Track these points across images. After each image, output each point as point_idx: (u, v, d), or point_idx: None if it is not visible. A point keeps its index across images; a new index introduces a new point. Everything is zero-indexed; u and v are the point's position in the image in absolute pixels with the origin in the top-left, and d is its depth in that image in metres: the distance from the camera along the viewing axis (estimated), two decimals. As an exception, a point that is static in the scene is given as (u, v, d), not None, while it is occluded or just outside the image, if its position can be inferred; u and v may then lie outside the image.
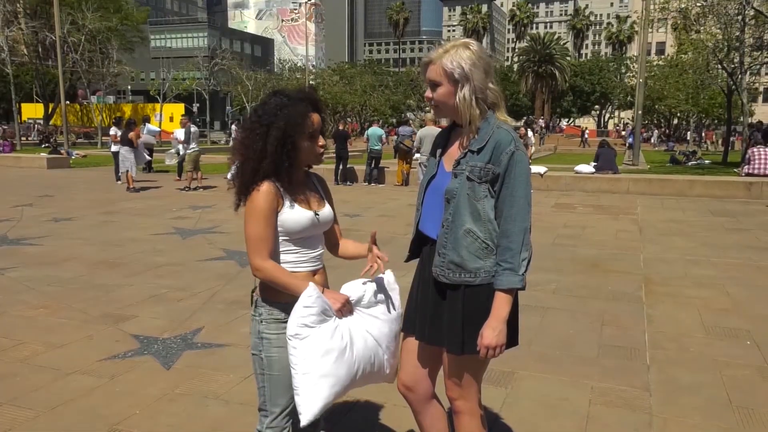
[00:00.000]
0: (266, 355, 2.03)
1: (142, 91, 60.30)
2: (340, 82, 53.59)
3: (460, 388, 2.11)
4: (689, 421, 3.08)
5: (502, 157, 1.94)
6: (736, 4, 18.85)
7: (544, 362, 3.80)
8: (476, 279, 1.98)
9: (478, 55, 1.96)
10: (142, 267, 6.32)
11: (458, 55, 1.95)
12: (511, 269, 1.94)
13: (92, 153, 24.90)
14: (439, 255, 2.02)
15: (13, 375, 3.61)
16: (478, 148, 1.97)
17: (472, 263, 1.97)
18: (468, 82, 1.95)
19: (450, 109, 2.02)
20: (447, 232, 2.00)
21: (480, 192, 1.96)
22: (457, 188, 1.98)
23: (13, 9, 33.91)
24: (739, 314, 4.83)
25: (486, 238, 1.97)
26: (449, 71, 1.95)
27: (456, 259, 1.99)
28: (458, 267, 1.99)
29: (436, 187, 2.08)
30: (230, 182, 2.12)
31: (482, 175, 1.95)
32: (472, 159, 1.97)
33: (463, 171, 1.98)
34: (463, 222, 1.97)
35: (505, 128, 1.99)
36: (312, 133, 2.00)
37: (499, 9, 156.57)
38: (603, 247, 7.46)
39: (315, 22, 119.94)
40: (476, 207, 1.97)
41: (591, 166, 15.23)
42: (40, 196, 12.05)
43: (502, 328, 1.95)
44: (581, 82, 63.43)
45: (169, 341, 4.19)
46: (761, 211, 10.63)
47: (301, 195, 2.06)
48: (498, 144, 1.95)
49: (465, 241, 1.97)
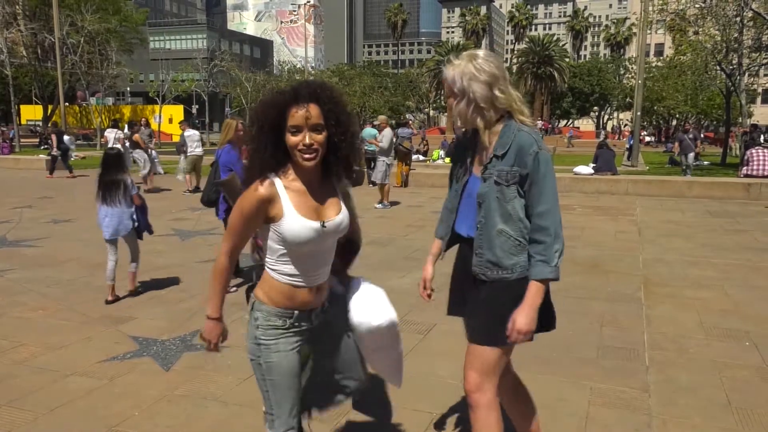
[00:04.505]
0: (265, 361, 1.97)
1: (141, 93, 60.37)
2: (339, 83, 53.62)
3: (480, 380, 2.17)
4: (688, 422, 3.09)
5: (526, 159, 2.06)
6: (735, 6, 18.88)
7: (544, 363, 3.80)
8: (513, 274, 2.12)
9: (480, 68, 2.07)
10: (142, 268, 6.31)
11: (459, 70, 2.09)
12: (544, 261, 2.06)
13: (91, 154, 24.88)
14: (477, 255, 2.17)
15: (12, 376, 3.61)
16: (502, 153, 2.09)
17: (507, 260, 2.11)
18: (464, 96, 2.09)
19: (469, 118, 2.16)
20: (481, 234, 2.14)
21: (509, 194, 2.09)
22: (486, 192, 2.12)
23: (12, 10, 33.92)
24: (738, 315, 4.83)
25: (518, 236, 2.11)
26: (450, 86, 2.12)
27: (492, 258, 2.12)
28: (495, 265, 2.13)
29: (469, 192, 2.21)
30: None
31: (509, 178, 2.08)
32: (498, 164, 2.10)
33: (491, 175, 2.11)
34: (495, 223, 2.11)
35: (526, 130, 2.10)
36: (293, 127, 1.84)
37: (498, 11, 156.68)
38: (602, 248, 7.47)
39: (314, 24, 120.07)
40: (506, 208, 2.10)
41: (590, 167, 15.25)
42: (40, 197, 12.05)
43: (534, 316, 2.09)
44: (580, 83, 63.46)
45: (168, 343, 4.18)
46: (760, 212, 10.64)
47: (308, 201, 1.91)
48: (521, 147, 2.06)
49: (498, 240, 2.11)
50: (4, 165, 20.02)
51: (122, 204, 5.02)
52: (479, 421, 2.18)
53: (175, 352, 4.00)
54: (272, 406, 2.02)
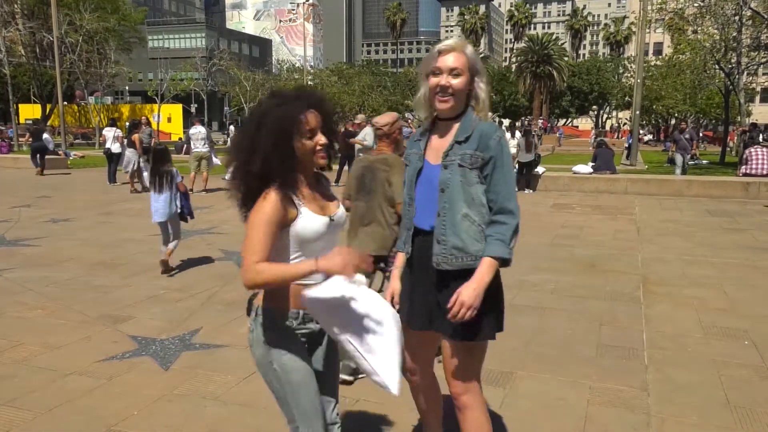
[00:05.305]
0: (279, 363, 1.91)
1: (139, 92, 60.26)
2: (338, 82, 53.57)
3: (464, 381, 2.15)
4: (687, 421, 3.09)
5: (490, 142, 2.08)
6: (734, 5, 18.89)
7: (543, 362, 3.81)
8: (477, 261, 2.07)
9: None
10: (141, 268, 6.32)
11: (473, 51, 2.12)
12: (501, 240, 2.04)
13: (90, 154, 24.85)
14: (439, 243, 2.11)
15: (11, 376, 3.61)
16: (465, 137, 2.10)
17: (473, 246, 2.08)
18: (483, 75, 2.13)
19: (460, 100, 2.13)
20: (445, 220, 2.10)
21: (472, 178, 2.09)
22: (449, 178, 2.10)
23: (11, 9, 33.87)
24: (736, 314, 4.84)
25: (481, 221, 2.09)
26: (472, 62, 2.10)
27: (458, 243, 2.08)
28: (460, 251, 2.08)
29: (427, 180, 2.17)
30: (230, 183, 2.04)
31: (472, 161, 2.08)
32: (460, 148, 2.10)
33: (453, 161, 2.10)
34: (460, 208, 2.08)
35: (485, 120, 2.15)
36: (309, 132, 1.90)
37: (497, 10, 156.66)
38: (601, 247, 7.47)
39: (313, 23, 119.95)
40: (470, 192, 2.09)
41: (589, 166, 15.26)
42: (38, 197, 12.03)
43: (480, 292, 2.02)
44: (579, 82, 63.47)
45: (167, 342, 4.18)
46: (759, 211, 10.65)
47: (313, 200, 1.96)
48: (484, 132, 2.09)
49: (463, 225, 2.08)
50: (2, 164, 19.99)
51: (169, 191, 5.92)
52: (469, 421, 2.16)
53: (174, 352, 4.00)
54: (296, 415, 1.93)
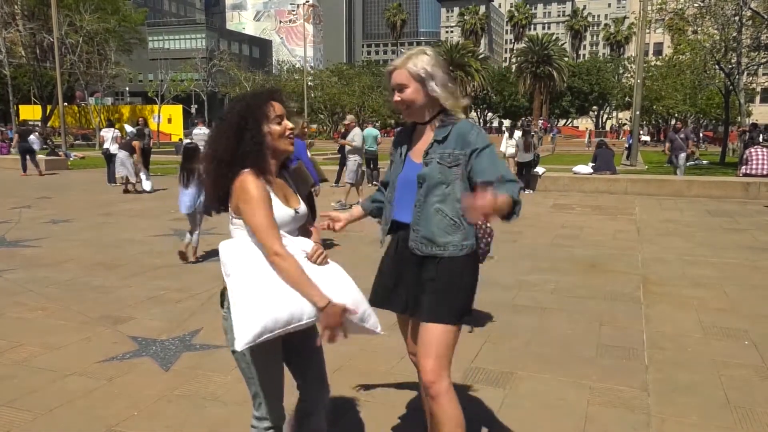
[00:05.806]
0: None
1: (140, 93, 60.33)
2: (338, 83, 53.61)
3: (438, 368, 2.18)
4: (687, 421, 3.09)
5: (469, 138, 2.17)
6: (733, 5, 18.89)
7: (543, 362, 3.80)
8: (445, 252, 2.20)
9: (436, 59, 2.23)
10: (141, 268, 6.32)
11: (419, 60, 2.20)
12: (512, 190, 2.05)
13: (90, 154, 24.86)
14: (413, 231, 2.24)
15: (11, 377, 3.60)
16: (443, 137, 2.21)
17: (442, 238, 2.20)
18: (433, 78, 2.19)
19: (418, 107, 2.23)
20: (419, 211, 2.22)
21: (450, 175, 2.18)
22: (427, 173, 2.20)
23: (11, 11, 33.93)
24: (736, 314, 4.84)
25: (454, 216, 2.19)
26: (415, 72, 2.19)
27: (427, 234, 2.21)
28: (429, 241, 2.21)
29: (407, 179, 2.28)
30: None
31: (451, 160, 2.18)
32: (439, 148, 2.21)
33: (432, 159, 2.21)
34: (433, 202, 2.19)
35: (462, 119, 2.24)
36: (277, 117, 2.01)
37: (497, 10, 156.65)
38: (601, 247, 7.48)
39: (313, 24, 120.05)
40: (445, 190, 2.19)
41: (589, 166, 15.27)
42: (38, 197, 12.04)
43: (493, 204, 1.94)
44: (579, 82, 63.56)
45: (167, 343, 4.18)
46: (759, 211, 10.65)
47: (280, 191, 2.05)
48: (461, 131, 2.19)
49: (435, 218, 2.19)
50: (2, 165, 20.01)
51: (196, 186, 6.20)
52: (441, 408, 2.17)
53: (175, 352, 4.00)
54: (259, 392, 2.06)
